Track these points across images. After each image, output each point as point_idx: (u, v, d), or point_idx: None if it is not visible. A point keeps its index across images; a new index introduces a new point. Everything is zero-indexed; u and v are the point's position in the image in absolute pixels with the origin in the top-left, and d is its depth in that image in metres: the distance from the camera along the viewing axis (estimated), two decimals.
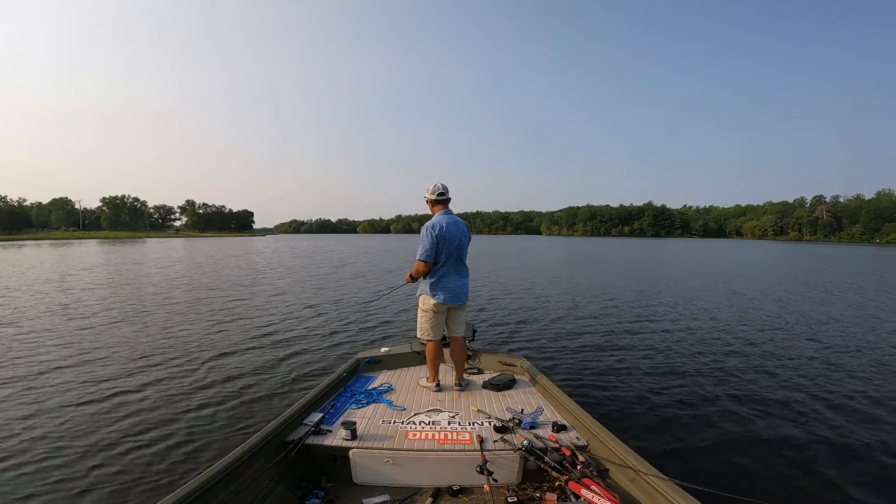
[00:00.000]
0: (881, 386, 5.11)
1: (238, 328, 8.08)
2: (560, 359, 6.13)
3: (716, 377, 5.39)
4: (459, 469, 2.54)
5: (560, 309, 10.13)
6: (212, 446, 3.61)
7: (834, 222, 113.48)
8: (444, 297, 3.48)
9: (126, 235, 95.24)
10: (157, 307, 10.22)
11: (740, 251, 42.51)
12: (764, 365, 5.89)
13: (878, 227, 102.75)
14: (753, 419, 4.19)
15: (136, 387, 4.96)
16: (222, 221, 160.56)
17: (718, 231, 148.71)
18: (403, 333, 7.46)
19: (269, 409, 4.32)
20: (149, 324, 8.40)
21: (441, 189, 3.56)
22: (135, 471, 3.25)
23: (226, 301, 11.18)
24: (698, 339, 7.38)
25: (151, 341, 7.04)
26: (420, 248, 3.42)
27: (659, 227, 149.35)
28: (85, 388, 4.93)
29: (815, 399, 4.69)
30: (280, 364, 5.85)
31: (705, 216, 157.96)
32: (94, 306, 10.20)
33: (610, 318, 9.13)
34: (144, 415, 4.23)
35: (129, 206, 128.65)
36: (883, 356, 6.34)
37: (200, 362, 5.92)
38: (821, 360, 6.10)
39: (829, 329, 8.18)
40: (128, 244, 53.80)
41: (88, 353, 6.35)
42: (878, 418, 4.26)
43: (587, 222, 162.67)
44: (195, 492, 1.95)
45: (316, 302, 11.03)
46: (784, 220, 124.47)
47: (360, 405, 3.26)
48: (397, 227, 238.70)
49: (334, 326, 8.19)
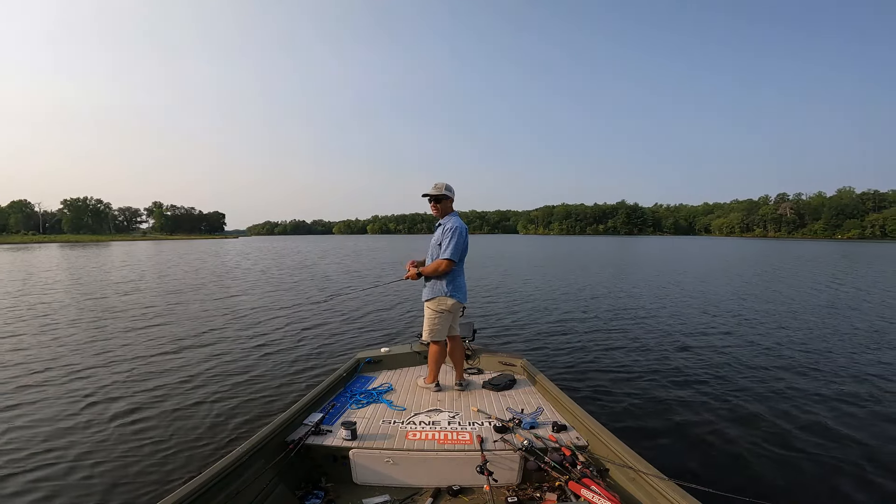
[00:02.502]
0: (882, 385, 5.07)
1: (238, 328, 8.02)
2: (560, 359, 6.06)
3: (716, 377, 5.34)
4: (459, 469, 2.52)
5: (559, 308, 10.02)
6: (212, 446, 3.60)
7: (797, 219, 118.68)
8: (460, 297, 3.54)
9: (89, 239, 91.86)
10: (154, 308, 10.09)
11: (716, 249, 43.02)
12: (764, 365, 5.83)
13: (839, 223, 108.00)
14: (754, 419, 4.15)
15: (135, 387, 4.95)
16: (192, 223, 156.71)
17: (688, 228, 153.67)
18: (403, 333, 7.43)
19: (269, 409, 4.30)
20: (147, 325, 8.31)
21: (450, 187, 3.58)
22: (135, 471, 3.25)
23: (225, 301, 11.09)
24: (698, 338, 7.31)
25: (151, 343, 6.98)
26: (450, 248, 3.38)
27: (632, 226, 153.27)
28: (85, 387, 4.93)
29: (816, 399, 4.64)
30: (280, 364, 5.81)
31: (675, 214, 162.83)
32: (84, 309, 10.12)
33: (609, 317, 9.05)
34: (144, 415, 4.20)
35: (91, 208, 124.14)
36: (885, 357, 6.23)
37: (200, 363, 5.89)
38: (821, 360, 6.01)
39: (830, 329, 8.02)
40: (91, 248, 51.98)
41: (89, 352, 6.35)
42: (879, 416, 4.23)
43: (563, 221, 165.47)
44: (195, 492, 1.95)
45: (315, 303, 10.96)
46: (750, 217, 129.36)
47: (360, 405, 3.25)
48: (374, 227, 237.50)
49: (334, 327, 8.12)
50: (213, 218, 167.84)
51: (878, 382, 5.17)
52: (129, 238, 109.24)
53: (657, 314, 9.44)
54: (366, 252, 38.01)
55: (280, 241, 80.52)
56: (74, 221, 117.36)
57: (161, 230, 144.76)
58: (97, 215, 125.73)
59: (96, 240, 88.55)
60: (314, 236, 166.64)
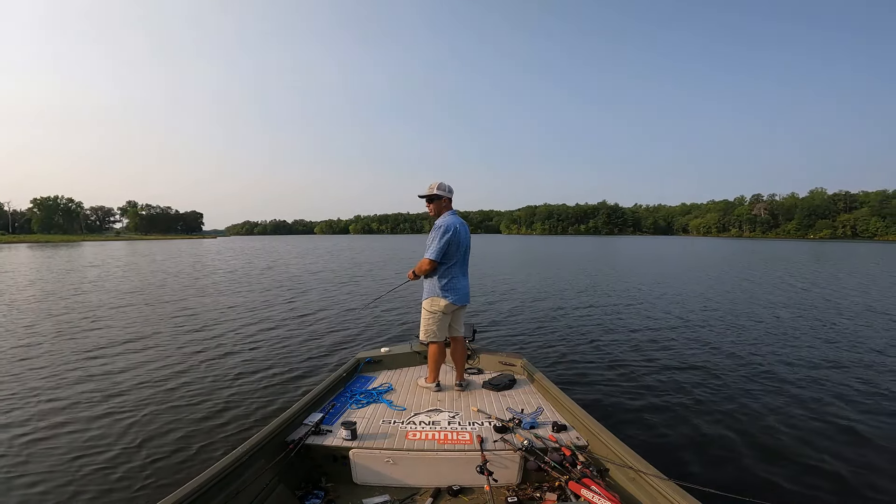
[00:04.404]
0: (883, 384, 5.09)
1: (237, 329, 7.96)
2: (560, 359, 6.06)
3: (716, 377, 5.34)
4: (459, 469, 2.51)
5: (559, 308, 10.04)
6: (212, 446, 3.60)
7: (771, 219, 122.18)
8: (454, 298, 3.49)
9: (59, 239, 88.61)
10: (150, 309, 10.01)
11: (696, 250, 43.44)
12: (764, 365, 5.82)
13: (811, 223, 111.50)
14: (754, 419, 4.16)
15: (134, 388, 4.93)
16: (167, 223, 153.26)
17: (667, 228, 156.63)
18: (403, 333, 7.40)
19: (269, 409, 4.29)
20: (146, 325, 8.27)
21: (449, 187, 3.58)
22: (134, 471, 3.23)
23: (223, 302, 11.01)
24: (697, 338, 7.32)
25: (150, 343, 6.95)
26: (431, 247, 3.41)
27: (613, 226, 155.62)
28: (85, 387, 4.94)
29: (816, 399, 4.63)
30: (280, 364, 5.79)
31: (655, 214, 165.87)
32: (87, 308, 10.05)
33: (610, 317, 9.07)
34: (144, 415, 4.18)
35: (62, 207, 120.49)
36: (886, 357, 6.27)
37: (200, 363, 5.86)
38: (821, 361, 6.00)
39: (830, 329, 8.01)
40: (61, 248, 50.42)
41: (88, 353, 6.35)
42: (881, 412, 4.25)
43: (545, 221, 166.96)
44: (195, 492, 1.94)
45: (316, 303, 10.90)
46: (726, 217, 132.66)
47: (360, 405, 3.24)
48: (356, 227, 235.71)
49: (334, 327, 8.09)
50: (190, 218, 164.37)
51: (881, 380, 5.21)
52: (101, 238, 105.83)
53: (657, 314, 9.47)
54: (367, 252, 37.89)
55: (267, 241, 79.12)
56: (45, 221, 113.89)
57: (135, 230, 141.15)
58: (68, 214, 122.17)
59: (67, 240, 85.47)
60: (296, 236, 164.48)
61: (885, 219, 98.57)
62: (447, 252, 3.41)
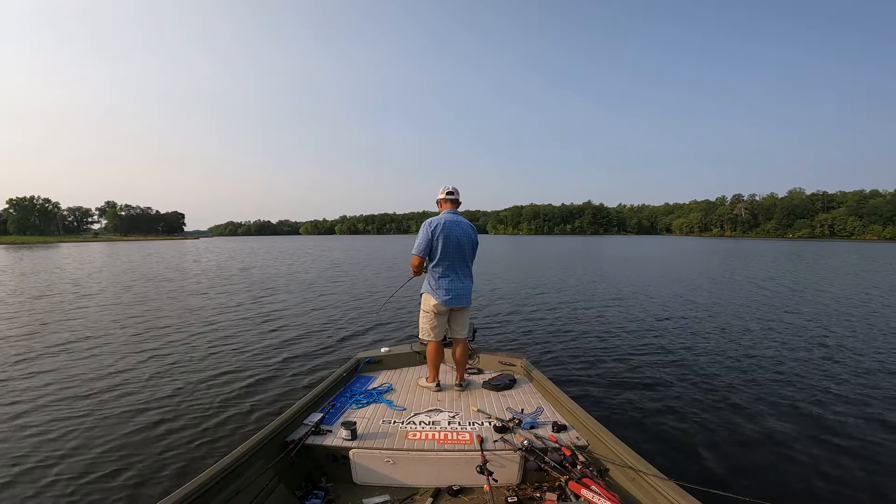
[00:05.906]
0: (883, 383, 5.11)
1: (237, 329, 7.92)
2: (560, 359, 6.04)
3: (716, 376, 5.34)
4: (459, 469, 2.51)
5: (558, 308, 10.02)
6: (212, 446, 3.60)
7: (751, 219, 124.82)
8: (444, 299, 3.45)
9: (35, 240, 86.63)
10: (150, 309, 9.96)
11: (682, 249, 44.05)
12: (764, 365, 5.83)
13: (790, 223, 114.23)
14: (754, 419, 4.16)
15: (135, 387, 4.92)
16: (148, 224, 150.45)
17: (650, 228, 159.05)
18: (403, 333, 7.39)
19: (269, 409, 4.29)
20: (147, 325, 8.26)
21: (451, 189, 3.62)
22: (134, 471, 3.23)
23: (223, 302, 10.96)
24: (697, 338, 7.31)
25: (150, 343, 6.91)
26: (415, 243, 3.45)
27: (598, 225, 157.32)
28: (84, 387, 4.92)
29: (816, 399, 4.63)
30: (280, 364, 5.78)
31: (639, 214, 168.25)
32: (91, 310, 9.97)
33: (609, 317, 9.06)
34: (144, 416, 4.17)
35: (38, 207, 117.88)
36: (887, 357, 6.25)
37: (200, 363, 5.85)
38: (821, 361, 6.00)
39: (831, 329, 7.96)
40: (37, 249, 49.31)
41: (89, 352, 6.36)
42: (880, 416, 4.24)
43: (531, 221, 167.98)
44: (195, 492, 1.94)
45: (317, 302, 10.87)
46: (708, 217, 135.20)
47: (360, 405, 3.24)
48: (342, 227, 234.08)
49: (334, 327, 8.07)
50: (172, 218, 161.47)
51: (882, 381, 5.22)
52: (79, 239, 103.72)
53: (656, 314, 9.46)
54: (371, 252, 37.52)
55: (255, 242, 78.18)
56: (20, 222, 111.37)
57: (115, 231, 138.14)
58: (45, 215, 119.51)
59: (44, 241, 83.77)
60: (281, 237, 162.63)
61: (862, 218, 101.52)
62: (437, 249, 3.39)
